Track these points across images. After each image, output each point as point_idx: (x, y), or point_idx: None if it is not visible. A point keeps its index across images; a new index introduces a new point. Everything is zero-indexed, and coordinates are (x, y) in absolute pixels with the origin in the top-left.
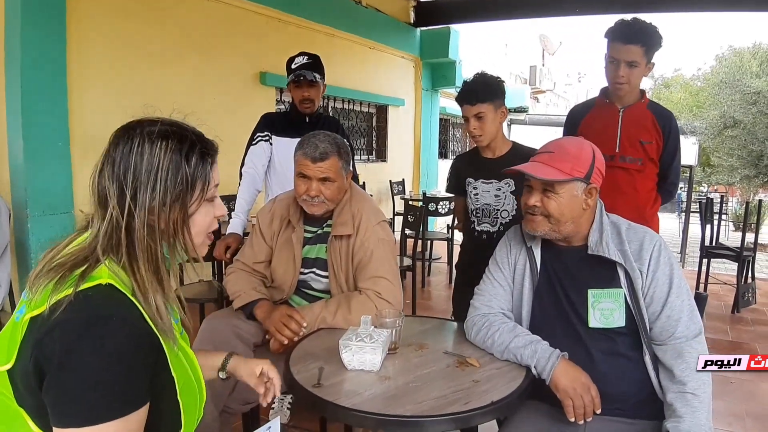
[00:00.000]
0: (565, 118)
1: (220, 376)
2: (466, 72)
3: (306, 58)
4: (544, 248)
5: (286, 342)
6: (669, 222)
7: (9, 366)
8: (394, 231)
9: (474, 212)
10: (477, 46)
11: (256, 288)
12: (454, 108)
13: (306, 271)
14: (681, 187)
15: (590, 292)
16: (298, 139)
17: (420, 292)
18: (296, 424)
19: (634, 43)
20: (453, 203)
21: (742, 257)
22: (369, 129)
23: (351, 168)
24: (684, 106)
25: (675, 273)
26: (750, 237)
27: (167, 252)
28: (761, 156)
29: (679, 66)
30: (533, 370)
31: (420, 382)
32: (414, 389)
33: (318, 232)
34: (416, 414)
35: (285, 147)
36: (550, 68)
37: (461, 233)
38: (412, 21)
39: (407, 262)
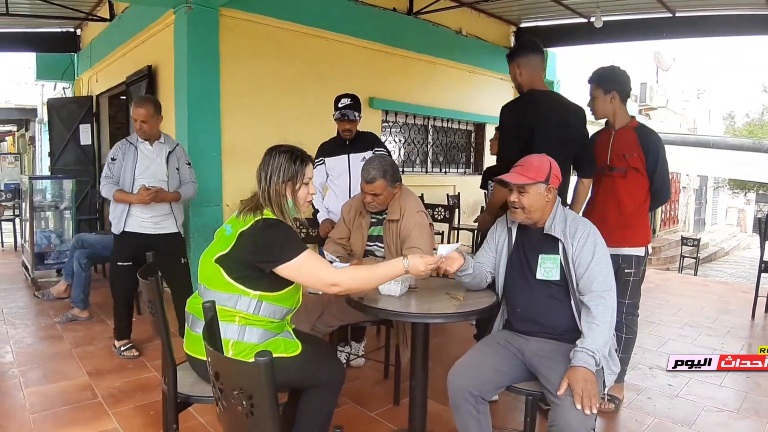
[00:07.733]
0: (672, 135)
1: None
2: (564, 91)
3: (349, 100)
4: (519, 229)
5: None
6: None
7: (225, 252)
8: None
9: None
10: (581, 64)
11: (338, 251)
12: None
13: (371, 244)
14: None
15: (540, 256)
16: (345, 155)
17: None
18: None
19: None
20: None
21: None
22: (467, 145)
23: (398, 179)
24: None
25: (597, 249)
26: None
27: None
28: None
29: None
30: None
31: (423, 303)
32: (419, 305)
33: (379, 219)
34: (417, 312)
35: (337, 163)
36: (663, 84)
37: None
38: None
39: None
